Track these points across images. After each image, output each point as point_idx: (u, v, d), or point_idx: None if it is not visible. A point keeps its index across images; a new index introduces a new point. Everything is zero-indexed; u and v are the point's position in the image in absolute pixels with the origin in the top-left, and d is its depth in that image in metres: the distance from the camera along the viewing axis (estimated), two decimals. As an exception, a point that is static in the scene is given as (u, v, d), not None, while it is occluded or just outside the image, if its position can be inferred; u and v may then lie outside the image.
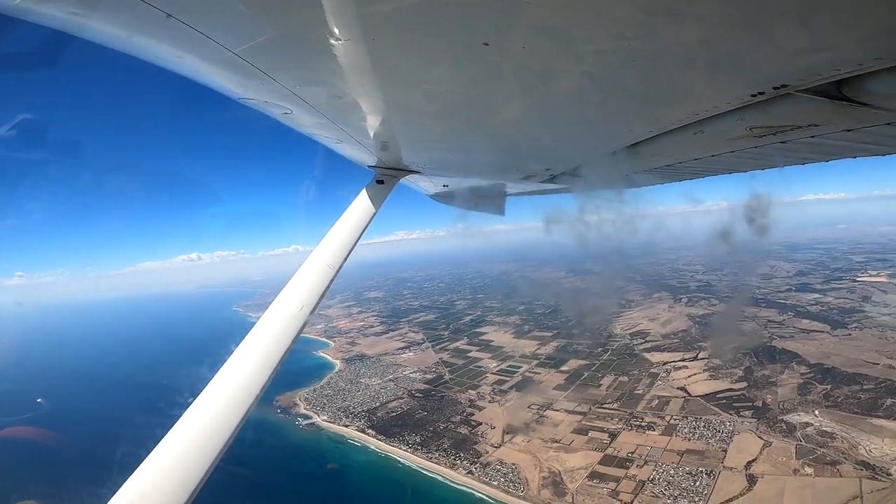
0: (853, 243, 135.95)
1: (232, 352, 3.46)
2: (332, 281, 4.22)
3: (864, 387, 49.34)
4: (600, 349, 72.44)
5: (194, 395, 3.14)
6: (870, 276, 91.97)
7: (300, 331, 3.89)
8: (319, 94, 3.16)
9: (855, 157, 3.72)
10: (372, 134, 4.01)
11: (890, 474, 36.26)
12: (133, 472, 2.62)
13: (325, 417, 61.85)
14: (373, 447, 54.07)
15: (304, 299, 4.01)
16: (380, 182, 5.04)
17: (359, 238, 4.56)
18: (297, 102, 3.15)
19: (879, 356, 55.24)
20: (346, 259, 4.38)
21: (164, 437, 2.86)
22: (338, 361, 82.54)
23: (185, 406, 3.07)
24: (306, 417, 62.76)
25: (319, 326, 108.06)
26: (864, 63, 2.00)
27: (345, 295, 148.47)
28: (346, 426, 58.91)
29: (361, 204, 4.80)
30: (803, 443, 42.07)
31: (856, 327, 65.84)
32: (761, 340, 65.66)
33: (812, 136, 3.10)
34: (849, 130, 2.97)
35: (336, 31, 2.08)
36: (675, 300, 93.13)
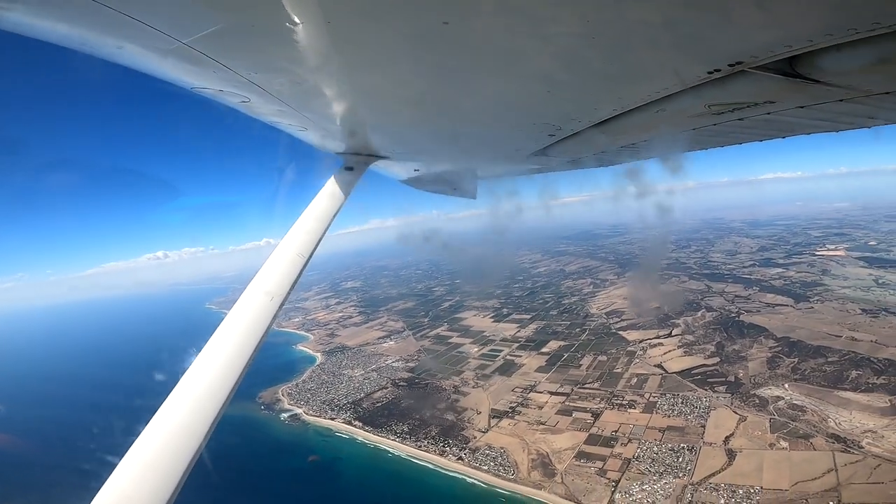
0: (811, 219, 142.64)
1: (202, 348, 3.42)
2: (302, 270, 4.14)
3: (829, 359, 51.90)
4: (578, 329, 74.16)
5: (167, 393, 3.09)
6: (828, 250, 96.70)
7: (272, 322, 3.83)
8: (278, 81, 3.06)
9: (809, 134, 3.87)
10: (337, 120, 3.92)
11: (861, 447, 38.07)
12: (110, 473, 2.57)
13: (310, 411, 61.57)
14: (361, 439, 54.18)
15: (275, 290, 3.94)
16: (349, 168, 4.95)
17: (328, 226, 4.48)
18: (254, 90, 3.05)
19: (841, 328, 58.22)
20: (315, 247, 4.30)
21: (138, 437, 2.81)
22: (318, 354, 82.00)
23: (158, 405, 3.01)
24: (291, 412, 62.34)
25: (297, 319, 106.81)
26: (814, 39, 2.06)
27: (321, 286, 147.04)
28: (332, 419, 58.76)
29: (330, 191, 4.71)
30: (776, 416, 44.06)
31: (817, 300, 69.16)
32: (730, 315, 68.47)
33: (768, 113, 3.20)
34: (802, 107, 3.07)
35: (290, 14, 2.02)
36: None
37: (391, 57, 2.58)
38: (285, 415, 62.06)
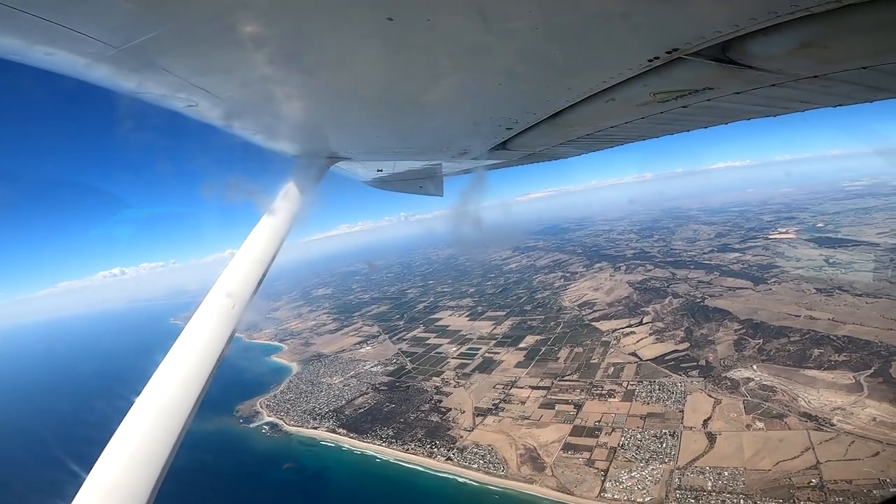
0: (761, 204, 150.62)
1: (161, 361, 3.33)
2: (263, 276, 4.05)
3: (792, 339, 54.59)
4: (553, 323, 75.54)
5: (129, 406, 3.02)
6: (780, 233, 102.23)
7: (235, 329, 3.76)
8: (226, 84, 2.96)
9: (749, 120, 4.07)
10: (292, 122, 3.84)
11: (833, 425, 39.96)
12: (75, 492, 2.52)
13: (291, 422, 60.46)
14: (346, 446, 53.58)
15: (236, 297, 3.84)
16: (308, 171, 4.86)
17: (289, 229, 4.40)
18: (201, 94, 2.93)
19: (799, 308, 61.43)
20: (276, 252, 4.21)
21: (98, 457, 2.74)
22: (294, 364, 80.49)
23: (120, 419, 2.95)
24: (271, 424, 61.04)
25: (269, 330, 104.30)
26: (740, 24, 2.16)
27: (292, 295, 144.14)
28: (315, 428, 57.94)
29: (289, 195, 4.62)
30: (749, 398, 45.90)
31: (774, 282, 72.82)
32: (695, 301, 71.26)
33: (708, 100, 3.35)
34: (739, 93, 3.22)
35: (233, 16, 1.97)
36: (615, 269, 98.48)
37: (339, 56, 2.54)
38: (266, 427, 60.67)
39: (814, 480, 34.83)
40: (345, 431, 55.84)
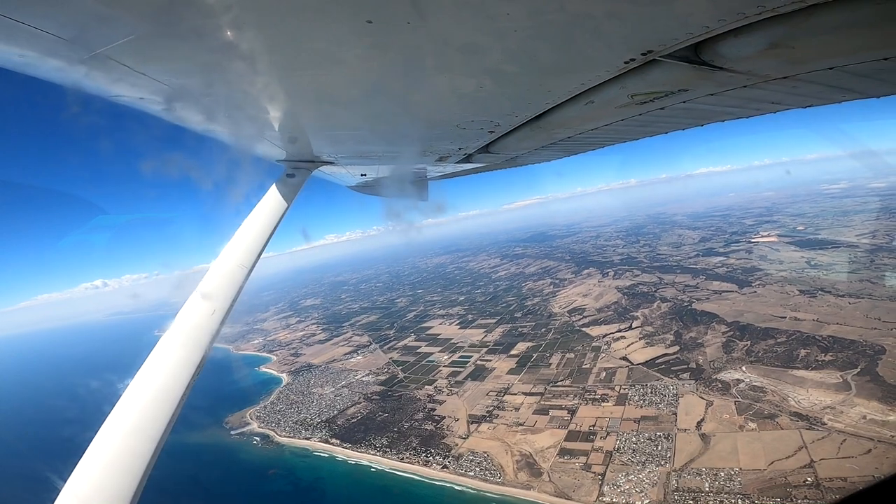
0: (743, 209, 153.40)
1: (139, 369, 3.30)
2: (244, 281, 4.00)
3: (778, 340, 55.34)
4: (543, 329, 75.71)
5: (103, 418, 2.99)
6: (762, 236, 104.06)
7: (214, 337, 3.69)
8: (205, 88, 2.94)
9: (724, 121, 4.17)
10: (273, 126, 3.81)
11: (824, 423, 40.38)
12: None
13: (283, 433, 59.48)
14: (341, 456, 52.81)
15: (217, 303, 3.79)
16: (290, 175, 4.84)
17: (271, 235, 4.36)
18: (180, 98, 2.91)
19: (784, 310, 62.41)
20: (258, 258, 4.17)
21: (74, 467, 2.71)
22: (284, 375, 79.39)
23: (96, 429, 2.93)
24: (263, 436, 59.94)
25: (257, 341, 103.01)
26: (710, 25, 2.22)
27: (280, 306, 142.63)
28: (308, 439, 57.09)
29: (271, 200, 4.59)
30: (740, 399, 46.34)
31: (759, 284, 73.95)
32: (683, 305, 72.10)
33: (684, 102, 3.42)
34: (712, 95, 3.31)
35: (213, 18, 1.96)
36: (603, 275, 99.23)
37: (320, 59, 2.53)
38: (257, 438, 59.58)
39: (809, 479, 35.14)
40: (338, 441, 55.04)
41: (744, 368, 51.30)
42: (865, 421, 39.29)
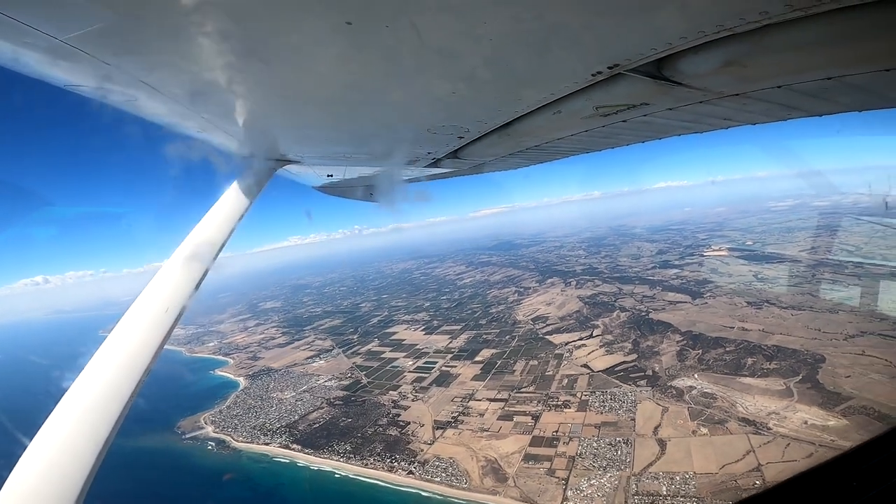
0: (697, 223, 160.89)
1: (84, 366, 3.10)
2: (201, 279, 3.84)
3: (727, 349, 58.16)
4: (508, 336, 76.53)
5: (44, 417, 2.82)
6: (713, 250, 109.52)
7: (167, 336, 3.52)
8: (170, 80, 2.80)
9: (680, 135, 4.39)
10: (240, 121, 3.69)
11: (769, 428, 42.54)
12: None
13: (240, 438, 57.02)
14: (302, 462, 51.21)
15: (169, 301, 3.61)
16: (254, 173, 4.69)
17: (231, 232, 4.20)
18: (142, 89, 2.76)
19: (733, 320, 65.77)
20: (216, 256, 4.01)
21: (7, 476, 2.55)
22: (241, 378, 76.31)
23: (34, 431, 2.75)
24: (218, 441, 57.13)
25: (212, 344, 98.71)
26: (672, 42, 2.34)
27: (238, 308, 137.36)
28: (267, 444, 55.02)
29: (233, 196, 4.43)
30: (693, 405, 48.26)
31: (710, 296, 77.57)
32: (640, 314, 74.80)
33: (645, 115, 3.58)
34: (671, 109, 3.48)
35: (182, 7, 1.88)
36: (565, 284, 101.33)
37: (292, 56, 2.47)
38: (212, 444, 56.74)
39: (758, 482, 36.80)
40: (299, 447, 53.37)
41: (696, 376, 53.54)
42: (807, 426, 41.69)
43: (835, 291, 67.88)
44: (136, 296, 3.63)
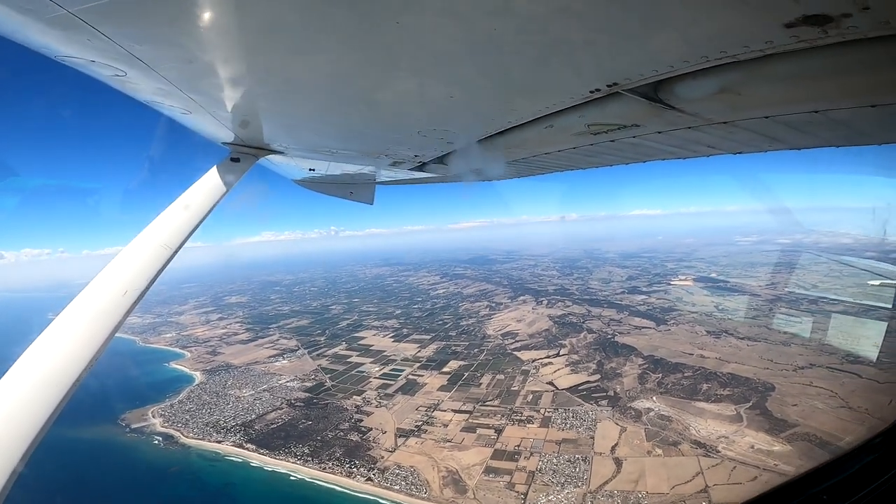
0: (667, 252, 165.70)
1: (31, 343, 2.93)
2: (166, 263, 3.63)
3: (685, 374, 60.21)
4: (476, 350, 76.47)
5: None
6: (680, 280, 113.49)
7: (123, 319, 3.31)
8: (163, 57, 2.68)
9: (664, 160, 4.48)
10: (229, 107, 3.55)
11: (718, 451, 44.03)
12: None
13: (191, 434, 54.35)
14: (256, 462, 49.21)
15: (130, 283, 3.39)
16: (234, 160, 4.52)
17: (203, 218, 4.02)
18: (133, 64, 2.63)
19: (692, 347, 68.13)
20: (185, 240, 3.81)
21: None
22: (197, 373, 73.20)
23: None
24: (166, 436, 54.23)
25: (170, 335, 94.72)
26: (674, 65, 2.36)
27: (201, 300, 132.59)
28: (220, 442, 52.65)
29: (210, 182, 4.25)
30: (650, 426, 49.38)
31: (673, 323, 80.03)
32: (606, 337, 76.34)
33: (633, 137, 3.64)
34: (660, 132, 3.54)
35: None
36: (537, 302, 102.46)
37: (291, 44, 2.40)
38: (158, 438, 53.85)
39: (704, 503, 37.79)
40: (254, 447, 51.38)
41: (654, 398, 54.84)
42: (753, 450, 43.21)
43: (789, 325, 71.11)
44: (90, 280, 3.40)
